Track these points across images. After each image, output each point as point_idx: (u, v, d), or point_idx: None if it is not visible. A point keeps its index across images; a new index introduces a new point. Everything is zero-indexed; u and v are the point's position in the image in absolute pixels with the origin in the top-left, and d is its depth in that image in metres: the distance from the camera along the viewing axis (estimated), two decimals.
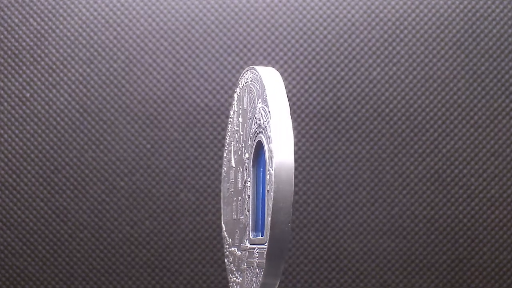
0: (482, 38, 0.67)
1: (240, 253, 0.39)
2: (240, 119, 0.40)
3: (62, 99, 0.67)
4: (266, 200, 0.35)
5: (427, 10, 0.67)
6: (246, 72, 0.39)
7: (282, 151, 0.33)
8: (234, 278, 0.40)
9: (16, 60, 0.67)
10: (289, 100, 0.65)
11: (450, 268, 0.67)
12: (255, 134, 0.37)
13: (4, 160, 0.67)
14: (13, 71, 0.67)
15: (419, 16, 0.67)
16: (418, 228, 0.67)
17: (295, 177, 0.67)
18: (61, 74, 0.67)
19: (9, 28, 0.67)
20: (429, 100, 0.67)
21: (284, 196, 0.32)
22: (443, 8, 0.67)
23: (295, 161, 0.66)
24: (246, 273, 0.38)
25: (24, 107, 0.67)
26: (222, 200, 0.45)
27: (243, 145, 0.39)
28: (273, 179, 0.33)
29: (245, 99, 0.39)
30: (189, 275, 0.67)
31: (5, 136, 0.67)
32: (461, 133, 0.67)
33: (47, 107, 0.67)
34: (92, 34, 0.67)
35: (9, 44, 0.67)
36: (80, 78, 0.67)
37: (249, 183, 0.38)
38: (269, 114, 0.34)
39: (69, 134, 0.67)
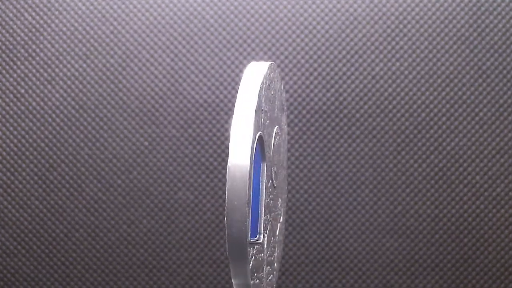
0: (487, 33, 0.66)
1: None
2: None
3: (57, 95, 0.66)
4: None
5: (431, 5, 0.67)
6: None
7: (237, 148, 0.33)
8: None
9: (11, 55, 0.67)
10: (290, 96, 0.64)
11: (454, 268, 0.66)
12: None
13: None
14: (7, 67, 0.67)
15: (422, 11, 0.67)
16: (422, 227, 0.66)
17: (296, 175, 0.66)
18: (57, 70, 0.67)
19: (3, 23, 0.67)
20: (433, 97, 0.66)
21: (238, 195, 0.33)
22: (447, 2, 0.67)
23: (296, 158, 0.65)
24: None
25: (18, 103, 0.66)
26: None
27: None
28: (227, 177, 0.33)
29: None
30: (187, 275, 0.66)
31: None
32: (466, 130, 0.66)
33: (42, 103, 0.66)
34: (88, 28, 0.67)
35: (3, 39, 0.67)
36: (76, 73, 0.67)
37: None
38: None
39: (65, 131, 0.66)
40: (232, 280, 0.34)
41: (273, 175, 0.40)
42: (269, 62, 0.38)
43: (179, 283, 0.67)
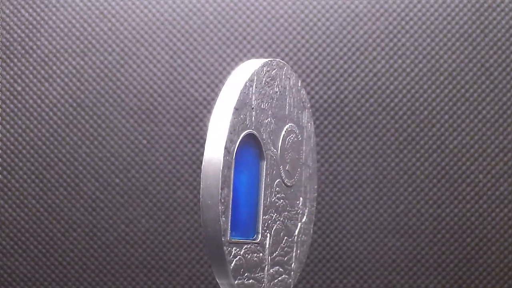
0: (491, 29, 0.66)
1: None
2: None
3: (55, 93, 0.66)
4: None
5: (433, 1, 0.66)
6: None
7: (211, 147, 0.33)
8: None
9: (7, 52, 0.66)
10: None
11: (457, 268, 0.66)
12: None
13: None
14: (4, 64, 0.66)
15: (425, 7, 0.66)
16: (424, 227, 0.66)
17: None
18: (54, 67, 0.66)
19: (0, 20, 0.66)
20: (436, 94, 0.66)
21: (211, 194, 0.33)
22: None
23: None
24: None
25: (15, 101, 0.66)
26: None
27: None
28: (201, 176, 0.33)
29: None
30: (186, 275, 0.66)
31: None
32: (469, 128, 0.66)
33: (39, 101, 0.66)
34: (86, 25, 0.66)
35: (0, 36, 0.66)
36: (74, 71, 0.66)
37: None
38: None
39: (62, 129, 0.66)
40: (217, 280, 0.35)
41: (282, 173, 0.39)
42: (266, 59, 0.38)
43: (178, 283, 0.66)
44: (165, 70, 0.66)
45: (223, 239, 0.33)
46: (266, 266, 0.38)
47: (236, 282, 0.35)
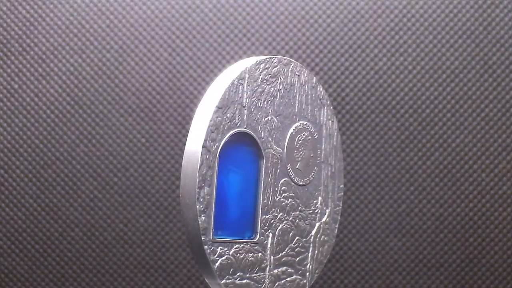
0: (493, 27, 0.66)
1: None
2: None
3: (52, 90, 0.66)
4: None
5: None
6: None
7: (190, 145, 0.33)
8: None
9: (4, 49, 0.66)
10: None
11: (460, 268, 0.66)
12: None
13: None
14: (1, 62, 0.66)
15: (427, 4, 0.66)
16: (426, 226, 0.66)
17: None
18: (52, 65, 0.66)
19: None
20: (438, 92, 0.66)
21: (189, 193, 0.33)
22: None
23: None
24: None
25: (12, 99, 0.66)
26: None
27: None
28: (181, 174, 0.34)
29: None
30: (185, 275, 0.66)
31: None
32: (472, 126, 0.66)
33: (36, 99, 0.66)
34: (84, 22, 0.66)
35: None
36: (71, 68, 0.66)
37: None
38: None
39: (60, 127, 0.66)
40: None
41: (291, 172, 0.39)
42: (263, 57, 0.37)
43: (177, 283, 0.66)
44: (164, 68, 0.66)
45: (203, 238, 0.33)
46: (268, 266, 0.37)
47: (223, 282, 0.34)
